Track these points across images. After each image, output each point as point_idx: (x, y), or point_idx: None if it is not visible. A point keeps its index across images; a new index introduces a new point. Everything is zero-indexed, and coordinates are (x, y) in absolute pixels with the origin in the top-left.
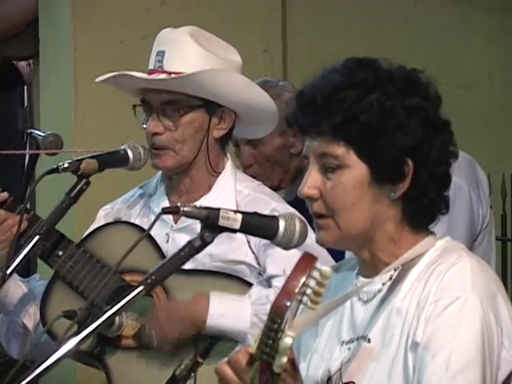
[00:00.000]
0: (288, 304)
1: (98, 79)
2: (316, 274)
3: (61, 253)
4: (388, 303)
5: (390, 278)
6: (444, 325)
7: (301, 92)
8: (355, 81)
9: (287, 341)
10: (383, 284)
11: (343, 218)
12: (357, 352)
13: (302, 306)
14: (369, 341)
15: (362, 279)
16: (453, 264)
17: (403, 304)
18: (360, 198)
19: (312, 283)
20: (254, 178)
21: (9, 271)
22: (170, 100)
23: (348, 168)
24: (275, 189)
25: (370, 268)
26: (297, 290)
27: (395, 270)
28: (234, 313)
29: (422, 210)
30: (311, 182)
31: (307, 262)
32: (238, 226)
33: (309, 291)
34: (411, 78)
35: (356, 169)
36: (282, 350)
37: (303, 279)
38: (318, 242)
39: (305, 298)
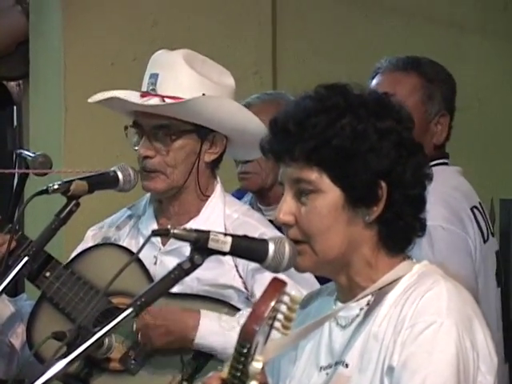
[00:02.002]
0: (257, 328)
1: (90, 99)
2: (286, 298)
3: (48, 274)
4: (365, 328)
5: (368, 303)
6: (419, 349)
7: (274, 119)
8: (326, 106)
9: (256, 365)
10: (360, 309)
11: (319, 242)
12: (334, 377)
13: (274, 331)
14: (346, 366)
15: (339, 304)
16: (429, 289)
17: (380, 329)
18: (335, 222)
19: (282, 308)
20: (250, 173)
21: None
22: (162, 124)
23: (322, 193)
24: (266, 190)
25: (348, 293)
26: (266, 315)
27: (372, 294)
28: (223, 333)
29: (398, 233)
30: (286, 209)
31: (276, 286)
32: (227, 248)
33: (280, 316)
34: (383, 101)
35: (330, 193)
36: (252, 374)
37: (272, 304)
38: (294, 267)
39: (276, 323)
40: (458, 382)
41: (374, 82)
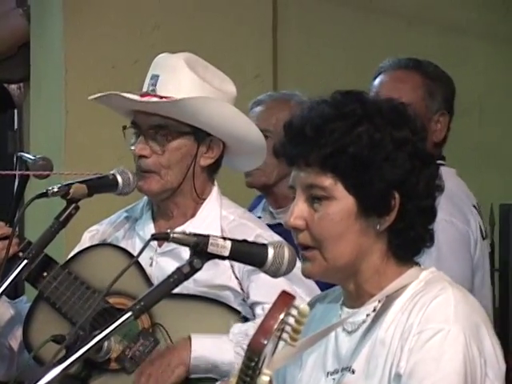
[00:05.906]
0: (265, 342)
1: (90, 97)
2: (294, 311)
3: (45, 274)
4: (372, 334)
5: (374, 310)
6: (427, 356)
7: (289, 123)
8: (344, 112)
9: (264, 379)
10: (367, 315)
11: (329, 249)
12: (341, 383)
13: (282, 342)
14: (353, 372)
15: (346, 310)
16: (436, 295)
17: (387, 335)
18: (347, 229)
19: (290, 321)
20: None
21: None
22: (159, 124)
23: (335, 200)
24: (269, 187)
25: (355, 299)
26: (274, 329)
27: (379, 301)
28: (217, 345)
29: (408, 243)
30: (298, 213)
31: (285, 300)
32: (227, 253)
33: (288, 328)
34: (399, 110)
35: (343, 201)
36: None
37: (281, 317)
38: (303, 273)
39: (284, 335)
40: None
41: (378, 80)
